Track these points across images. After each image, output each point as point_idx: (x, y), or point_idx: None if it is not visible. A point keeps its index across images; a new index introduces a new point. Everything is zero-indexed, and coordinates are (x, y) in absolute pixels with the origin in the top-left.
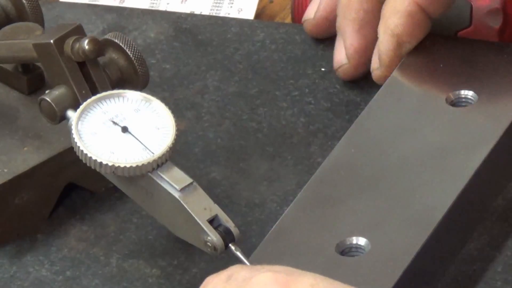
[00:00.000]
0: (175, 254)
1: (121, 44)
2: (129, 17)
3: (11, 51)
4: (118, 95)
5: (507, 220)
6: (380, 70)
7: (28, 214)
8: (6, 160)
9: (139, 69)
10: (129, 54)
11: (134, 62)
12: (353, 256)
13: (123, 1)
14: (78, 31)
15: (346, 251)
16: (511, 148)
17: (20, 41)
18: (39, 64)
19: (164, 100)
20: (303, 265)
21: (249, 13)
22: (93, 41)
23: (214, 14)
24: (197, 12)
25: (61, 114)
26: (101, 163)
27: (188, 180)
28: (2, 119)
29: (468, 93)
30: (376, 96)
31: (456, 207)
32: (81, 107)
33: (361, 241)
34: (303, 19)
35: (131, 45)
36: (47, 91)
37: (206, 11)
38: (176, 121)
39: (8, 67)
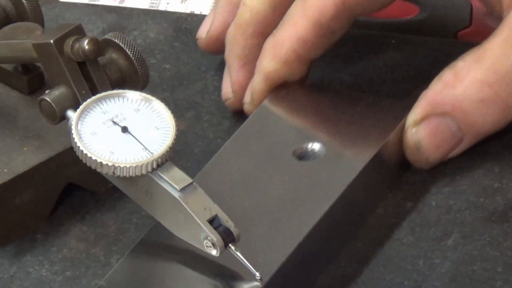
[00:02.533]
0: None
1: (121, 44)
2: (129, 17)
3: (11, 51)
4: (118, 95)
5: (507, 220)
6: (250, 106)
7: (28, 214)
8: (6, 160)
9: (139, 69)
10: (129, 54)
11: (134, 62)
12: None
13: (123, 1)
14: (78, 31)
15: None
16: (357, 199)
17: (20, 41)
18: (39, 64)
19: (164, 100)
20: None
21: None
22: (93, 41)
23: None
24: (197, 12)
25: (61, 114)
26: (101, 163)
27: (188, 180)
28: (2, 119)
29: (315, 146)
30: (226, 144)
31: (293, 260)
32: (81, 107)
33: None
34: (197, 36)
35: (131, 45)
36: (47, 91)
37: (206, 11)
38: (176, 121)
39: (8, 67)
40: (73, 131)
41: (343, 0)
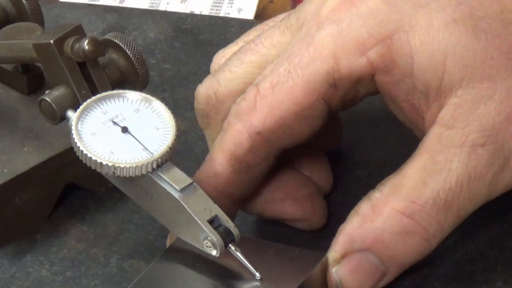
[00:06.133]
0: None
1: (121, 44)
2: (129, 17)
3: (11, 51)
4: (118, 95)
5: (507, 220)
6: None
7: (28, 214)
8: (6, 160)
9: (139, 69)
10: (129, 54)
11: (134, 62)
12: None
13: (123, 1)
14: (78, 31)
15: None
16: None
17: (20, 41)
18: (39, 64)
19: (164, 100)
20: None
21: (249, 13)
22: (93, 41)
23: (214, 14)
24: (197, 12)
25: (61, 114)
26: (101, 163)
27: (188, 180)
28: (2, 119)
29: None
30: (132, 285)
31: None
32: (81, 107)
33: None
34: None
35: (131, 45)
36: (47, 91)
37: (206, 11)
38: (176, 121)
39: (8, 67)
40: (73, 131)
41: (258, 131)
